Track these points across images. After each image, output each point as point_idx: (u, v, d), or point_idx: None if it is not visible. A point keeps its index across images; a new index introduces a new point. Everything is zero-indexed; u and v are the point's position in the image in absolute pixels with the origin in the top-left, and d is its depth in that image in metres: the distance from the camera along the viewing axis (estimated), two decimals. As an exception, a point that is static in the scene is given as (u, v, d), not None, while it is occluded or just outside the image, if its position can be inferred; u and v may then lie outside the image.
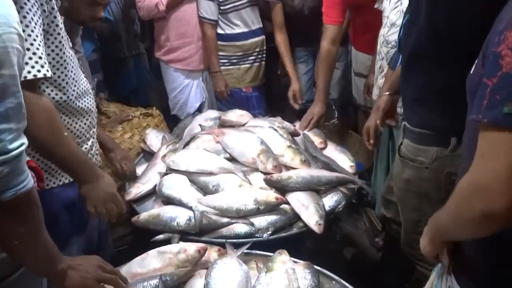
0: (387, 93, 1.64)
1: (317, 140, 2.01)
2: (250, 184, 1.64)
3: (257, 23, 2.69)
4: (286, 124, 2.04)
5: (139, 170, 1.84)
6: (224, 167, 1.68)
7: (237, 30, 2.64)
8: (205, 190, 1.65)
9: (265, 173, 1.67)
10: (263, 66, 2.81)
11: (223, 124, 1.99)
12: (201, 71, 2.80)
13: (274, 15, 2.60)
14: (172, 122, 2.49)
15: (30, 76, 1.01)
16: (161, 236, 1.50)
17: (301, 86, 3.05)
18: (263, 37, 2.76)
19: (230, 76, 2.71)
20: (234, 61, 2.70)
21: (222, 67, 2.69)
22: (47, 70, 1.05)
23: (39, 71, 1.03)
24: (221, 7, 2.56)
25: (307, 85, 3.12)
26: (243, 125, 2.00)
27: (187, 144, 1.88)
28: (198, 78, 2.80)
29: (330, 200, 1.63)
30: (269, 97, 3.03)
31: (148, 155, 1.94)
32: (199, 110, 2.75)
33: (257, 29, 2.70)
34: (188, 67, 2.75)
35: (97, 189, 1.22)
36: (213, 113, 2.11)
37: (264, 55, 2.80)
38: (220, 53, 2.68)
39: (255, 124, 1.96)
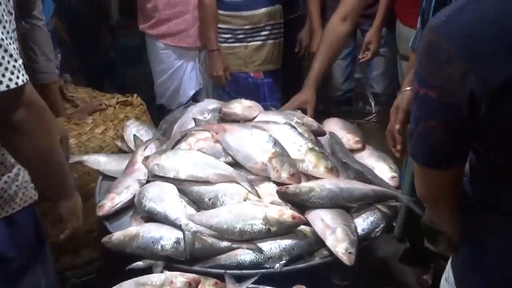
0: (409, 88, 1.65)
1: (351, 138, 1.99)
2: (259, 197, 1.63)
3: (271, -12, 2.69)
4: (308, 119, 2.02)
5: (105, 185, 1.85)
6: (224, 174, 1.67)
7: (245, -4, 2.63)
8: (199, 204, 1.65)
9: (278, 184, 1.66)
10: (279, 45, 2.80)
11: (225, 118, 1.99)
12: (198, 49, 2.79)
13: None
14: (158, 114, 2.50)
15: (20, 82, 1.06)
16: (139, 263, 1.50)
17: (338, 75, 3.05)
18: (280, 6, 2.75)
19: (234, 56, 2.71)
20: (241, 36, 2.69)
21: (224, 44, 2.69)
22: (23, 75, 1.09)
23: (23, 75, 1.08)
24: (223, -34, 2.57)
25: (346, 73, 3.14)
26: (251, 120, 2.00)
27: (177, 143, 1.88)
28: (194, 59, 2.80)
29: (364, 222, 1.62)
30: (287, 85, 3.03)
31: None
32: (194, 100, 2.74)
33: (271, -6, 2.69)
34: (182, 43, 2.75)
35: (76, 206, 1.38)
36: (212, 104, 2.11)
37: (282, 30, 2.78)
38: (222, 26, 2.67)
39: (267, 119, 1.95)
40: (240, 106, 2.04)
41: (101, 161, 1.95)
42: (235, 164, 1.74)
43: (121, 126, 2.19)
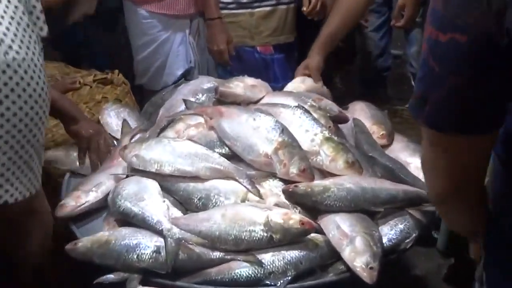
0: None
1: (376, 130, 1.99)
2: (260, 197, 1.63)
3: None
4: (326, 102, 2.01)
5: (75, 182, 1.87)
6: (218, 168, 1.67)
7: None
8: (186, 204, 1.65)
9: (286, 182, 1.66)
10: (293, 11, 2.78)
11: (223, 100, 1.98)
12: (189, 17, 2.78)
13: None
14: (137, 97, 2.49)
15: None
16: (110, 276, 1.50)
17: (369, 50, 3.02)
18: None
19: (237, 26, 2.69)
20: (245, 1, 2.67)
21: (224, 11, 2.67)
22: None
23: None
24: None
25: (380, 48, 3.10)
26: (256, 102, 2.00)
27: (162, 130, 1.89)
28: (184, 30, 2.78)
29: (392, 230, 1.61)
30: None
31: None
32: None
33: None
34: (171, 10, 2.73)
35: None
36: (207, 82, 2.11)
37: (296, -8, 2.76)
38: (222, -12, 2.65)
39: (274, 101, 1.95)
40: (241, 85, 2.04)
41: (71, 158, 1.96)
42: (232, 156, 1.74)
43: (98, 109, 2.21)
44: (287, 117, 1.81)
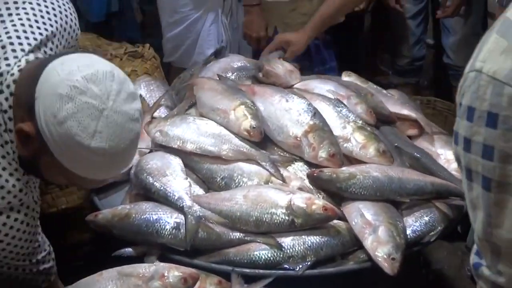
0: None
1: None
2: (283, 181, 1.62)
3: None
4: (377, 99, 1.97)
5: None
6: (241, 150, 1.67)
7: None
8: (209, 183, 1.66)
9: (310, 166, 1.66)
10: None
11: (264, 81, 1.97)
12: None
13: None
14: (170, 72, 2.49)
15: None
16: (129, 250, 1.52)
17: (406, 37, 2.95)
18: None
19: (297, 13, 2.49)
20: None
21: None
22: None
23: None
24: None
25: (415, 36, 3.03)
26: (291, 87, 1.99)
27: (190, 107, 1.90)
28: (217, 9, 2.75)
29: (416, 222, 1.60)
30: (348, 46, 2.96)
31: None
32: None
33: None
34: None
35: None
36: (238, 61, 2.09)
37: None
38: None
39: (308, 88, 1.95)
40: (282, 68, 2.04)
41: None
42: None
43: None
44: (321, 102, 1.80)
